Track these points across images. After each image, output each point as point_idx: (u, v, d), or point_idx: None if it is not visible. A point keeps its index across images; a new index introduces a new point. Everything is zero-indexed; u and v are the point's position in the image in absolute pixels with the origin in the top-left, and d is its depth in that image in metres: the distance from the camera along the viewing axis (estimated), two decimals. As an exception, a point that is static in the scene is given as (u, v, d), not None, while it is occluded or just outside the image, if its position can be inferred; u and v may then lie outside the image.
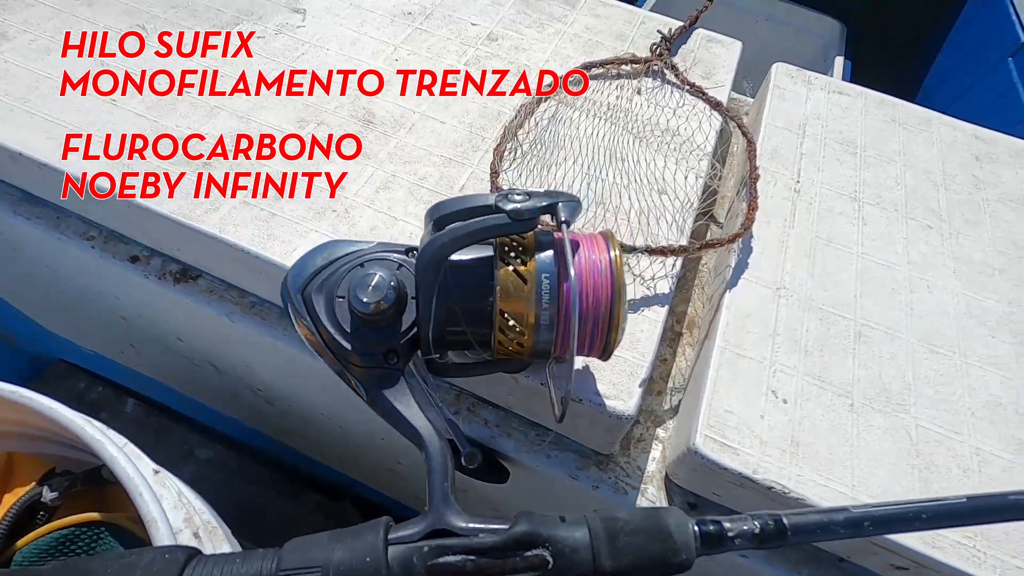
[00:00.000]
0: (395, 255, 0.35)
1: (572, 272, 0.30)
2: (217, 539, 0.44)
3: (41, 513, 0.41)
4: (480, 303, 0.33)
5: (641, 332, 0.46)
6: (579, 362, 0.43)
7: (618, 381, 0.43)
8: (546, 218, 0.35)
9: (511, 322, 0.33)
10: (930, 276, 0.53)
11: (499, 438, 0.48)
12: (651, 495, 0.46)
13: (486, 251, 0.34)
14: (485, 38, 0.67)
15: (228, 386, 0.74)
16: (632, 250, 0.47)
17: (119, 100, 0.54)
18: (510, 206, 0.32)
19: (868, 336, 0.49)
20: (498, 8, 0.71)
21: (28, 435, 0.45)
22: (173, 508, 0.40)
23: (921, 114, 0.69)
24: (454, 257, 0.33)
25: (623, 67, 0.66)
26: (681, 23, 0.72)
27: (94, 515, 0.40)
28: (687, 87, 0.64)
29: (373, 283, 0.32)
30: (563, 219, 0.32)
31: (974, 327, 0.51)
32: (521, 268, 0.33)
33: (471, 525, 0.30)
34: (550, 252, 0.33)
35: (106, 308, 0.67)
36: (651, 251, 0.47)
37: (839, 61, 1.56)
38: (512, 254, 0.33)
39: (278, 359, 0.55)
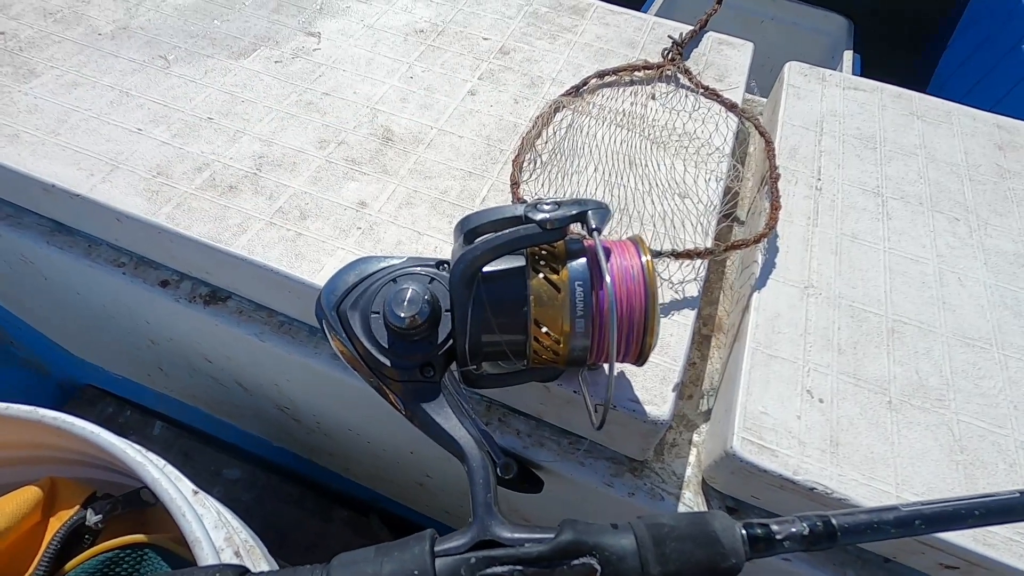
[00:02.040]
0: (427, 269, 0.35)
1: (608, 279, 0.30)
2: (256, 557, 0.44)
3: (87, 536, 0.41)
4: (514, 313, 0.33)
5: (671, 336, 0.45)
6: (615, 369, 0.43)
7: (651, 386, 0.42)
8: (575, 226, 0.35)
9: (546, 331, 0.33)
10: (960, 268, 0.53)
11: (532, 448, 0.48)
12: (688, 500, 0.46)
13: (518, 261, 0.34)
14: (497, 51, 0.68)
15: (255, 405, 0.74)
16: (659, 255, 0.47)
17: (145, 129, 0.55)
18: (540, 216, 0.32)
19: (901, 332, 0.48)
20: (508, 22, 0.72)
21: (69, 460, 0.46)
22: (214, 528, 0.40)
23: (940, 106, 0.68)
24: (486, 269, 0.33)
25: (636, 73, 0.66)
26: (691, 27, 0.72)
27: (139, 537, 0.41)
28: (701, 90, 0.64)
29: (408, 298, 0.32)
30: (594, 227, 0.32)
31: (1010, 318, 0.50)
32: (553, 277, 0.33)
33: (517, 535, 0.30)
34: (582, 260, 0.33)
35: (136, 332, 0.68)
36: (677, 255, 0.47)
37: (848, 56, 1.55)
38: (543, 263, 0.33)
39: (306, 377, 0.55)
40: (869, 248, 0.53)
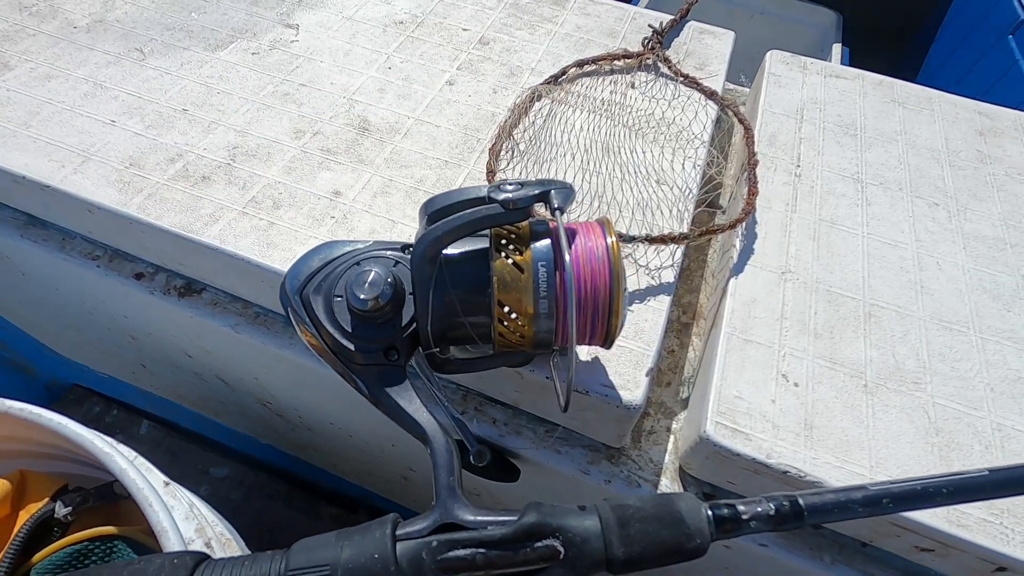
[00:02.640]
0: (391, 252, 0.35)
1: (568, 258, 0.30)
2: (231, 550, 0.44)
3: (55, 529, 0.41)
4: (478, 295, 0.33)
5: (646, 322, 0.45)
6: (585, 353, 0.42)
7: (624, 371, 0.42)
8: (541, 209, 0.35)
9: (511, 313, 0.32)
10: (939, 253, 0.53)
11: (508, 436, 0.47)
12: (665, 487, 0.45)
13: (481, 243, 0.34)
14: (477, 42, 0.67)
15: (238, 401, 0.74)
16: (632, 239, 0.47)
17: (118, 120, 0.55)
18: (503, 196, 0.32)
19: (878, 316, 0.48)
20: (488, 12, 0.71)
21: (39, 453, 0.46)
22: (184, 519, 0.40)
23: (921, 93, 0.68)
24: (449, 250, 0.33)
25: (616, 63, 0.66)
26: (672, 17, 0.72)
27: (109, 529, 0.40)
28: (681, 78, 0.64)
29: (369, 280, 0.32)
30: (556, 206, 0.32)
31: (988, 302, 0.49)
32: (517, 258, 0.33)
33: (479, 518, 0.30)
34: (546, 241, 0.33)
35: (116, 328, 0.67)
36: (651, 240, 0.47)
37: (837, 48, 1.55)
38: (508, 245, 0.33)
39: (284, 368, 0.55)
40: (848, 233, 0.53)
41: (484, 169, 0.54)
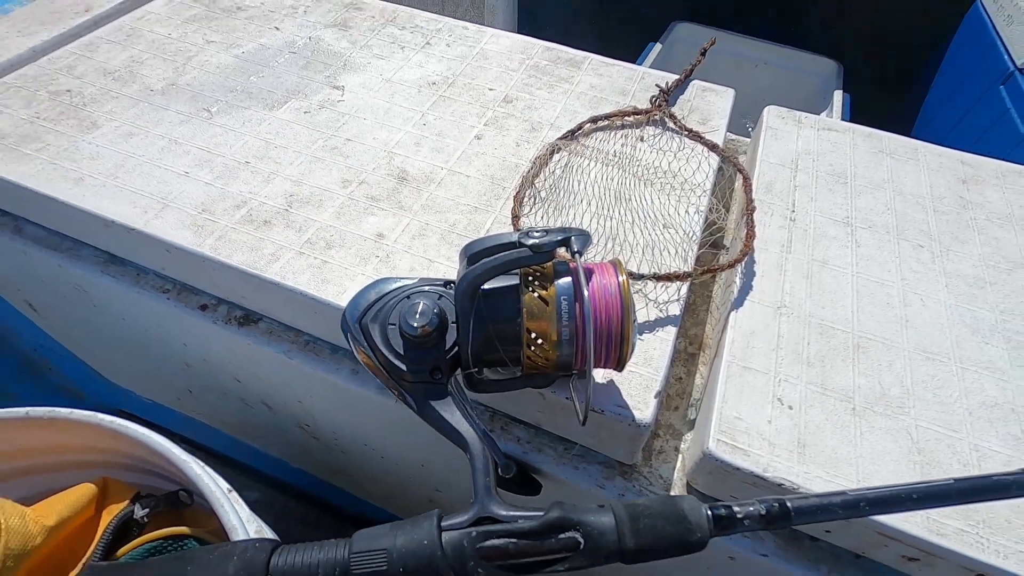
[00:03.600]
0: (435, 287, 0.41)
1: (586, 293, 0.36)
2: (282, 553, 0.49)
3: (134, 529, 0.47)
4: (510, 323, 0.39)
5: (655, 350, 0.51)
6: (600, 376, 0.48)
7: (635, 394, 0.48)
8: (562, 251, 0.41)
9: (537, 339, 0.38)
10: (923, 290, 0.58)
11: (531, 453, 0.52)
12: (673, 501, 0.50)
13: (512, 280, 0.40)
14: (501, 101, 0.76)
15: (278, 424, 0.80)
16: (641, 277, 0.53)
17: (191, 172, 0.63)
18: (531, 241, 0.38)
19: (866, 347, 0.53)
20: (511, 74, 0.80)
21: (116, 463, 0.52)
22: (248, 520, 0.45)
23: (908, 144, 0.74)
24: (486, 286, 0.39)
25: (626, 118, 0.73)
26: (677, 77, 0.80)
27: (182, 528, 0.46)
28: (685, 132, 0.71)
29: (420, 310, 0.38)
30: (576, 250, 0.38)
31: (968, 335, 0.54)
32: (543, 292, 0.39)
33: (512, 513, 0.35)
34: (567, 278, 0.39)
35: (173, 356, 0.74)
36: (658, 277, 0.53)
37: (838, 95, 1.63)
38: (535, 281, 0.39)
39: (328, 392, 0.61)
40: (838, 272, 0.59)
41: (509, 214, 0.61)
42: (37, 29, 0.82)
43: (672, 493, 0.50)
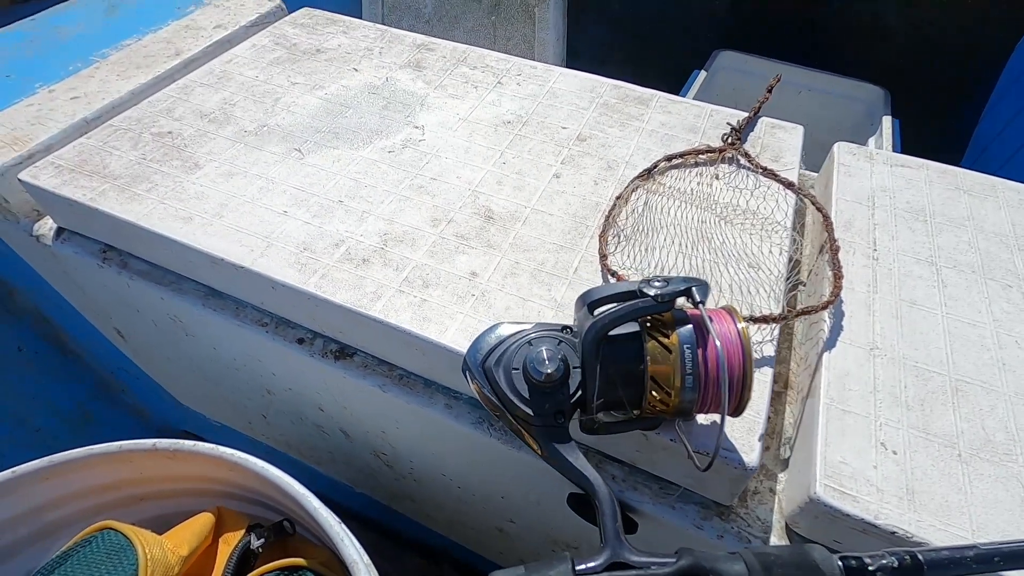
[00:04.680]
0: (555, 332, 0.43)
1: (719, 343, 0.37)
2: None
3: (251, 559, 0.49)
4: (634, 370, 0.40)
5: (752, 392, 0.51)
6: (703, 419, 0.49)
7: (739, 437, 0.48)
8: (681, 300, 0.42)
9: (660, 385, 0.40)
10: (1017, 332, 0.57)
11: (626, 491, 0.53)
12: (775, 544, 0.50)
13: (633, 327, 0.41)
14: (575, 139, 0.78)
15: (351, 451, 0.82)
16: (737, 319, 0.54)
17: (290, 211, 0.66)
18: (653, 291, 0.40)
19: (965, 391, 0.53)
20: (583, 112, 0.82)
21: (230, 492, 0.54)
22: (361, 553, 0.47)
23: (984, 180, 0.74)
24: (610, 333, 0.41)
25: (700, 156, 0.75)
26: (745, 113, 0.81)
27: (299, 560, 0.48)
28: (760, 170, 0.72)
29: (547, 357, 0.40)
30: (699, 300, 0.39)
31: (1068, 379, 0.54)
32: (664, 340, 0.40)
33: (643, 559, 0.36)
34: (688, 326, 0.40)
35: (255, 384, 0.77)
36: (755, 319, 0.53)
37: (887, 121, 1.62)
38: (654, 329, 0.41)
39: (419, 424, 0.63)
40: (928, 313, 0.59)
41: (595, 253, 0.62)
42: (134, 72, 0.87)
43: (772, 536, 0.51)
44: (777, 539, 0.50)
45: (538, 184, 0.71)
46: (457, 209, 0.67)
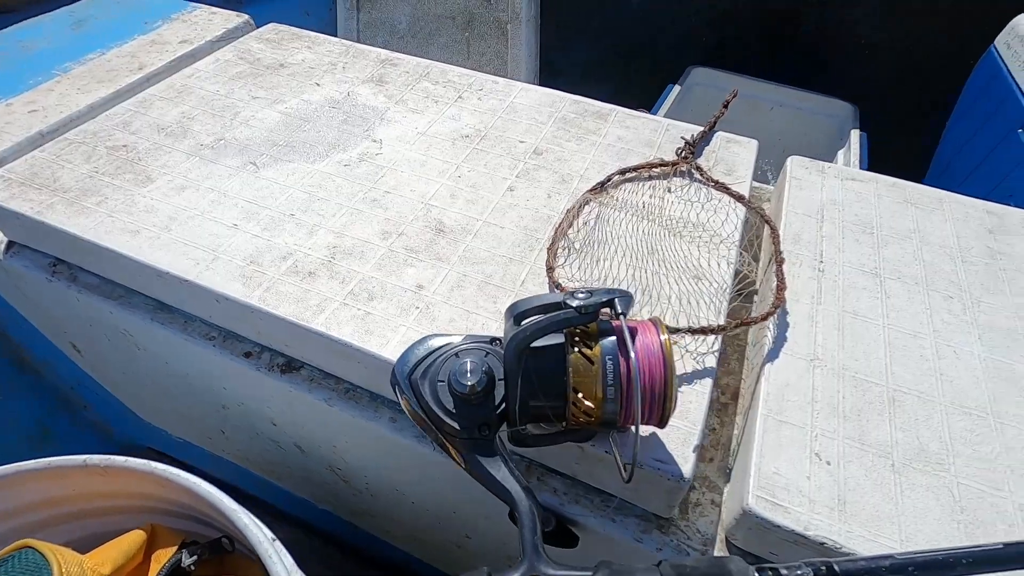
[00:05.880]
0: (482, 344, 0.43)
1: (633, 355, 0.38)
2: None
3: (182, 577, 0.48)
4: (556, 382, 0.40)
5: (691, 403, 0.51)
6: (644, 432, 0.49)
7: (674, 448, 0.48)
8: (604, 309, 0.42)
9: (583, 397, 0.40)
10: (956, 342, 0.58)
11: (567, 505, 0.53)
12: (712, 557, 0.50)
13: (558, 339, 0.41)
14: (532, 152, 0.78)
15: (307, 466, 0.81)
16: (676, 331, 0.54)
17: (240, 224, 0.66)
18: (576, 303, 0.40)
19: (902, 401, 0.53)
20: (541, 127, 0.83)
21: (165, 509, 0.53)
22: (291, 571, 0.46)
23: (932, 193, 0.75)
24: (533, 345, 0.41)
25: (654, 170, 0.75)
26: (701, 128, 0.82)
27: (229, 578, 0.47)
28: (712, 184, 0.73)
29: (470, 369, 0.40)
30: (620, 311, 0.40)
31: (1005, 388, 0.54)
32: (588, 352, 0.40)
33: (560, 573, 0.35)
34: (612, 338, 0.40)
35: (210, 399, 0.76)
36: (693, 331, 0.54)
37: (855, 134, 1.65)
38: (579, 340, 0.41)
39: (365, 438, 0.62)
40: (870, 324, 0.59)
41: (544, 265, 0.63)
42: (95, 87, 0.87)
43: (711, 549, 0.50)
44: (718, 552, 0.50)
45: (492, 197, 0.71)
46: (409, 222, 0.67)
